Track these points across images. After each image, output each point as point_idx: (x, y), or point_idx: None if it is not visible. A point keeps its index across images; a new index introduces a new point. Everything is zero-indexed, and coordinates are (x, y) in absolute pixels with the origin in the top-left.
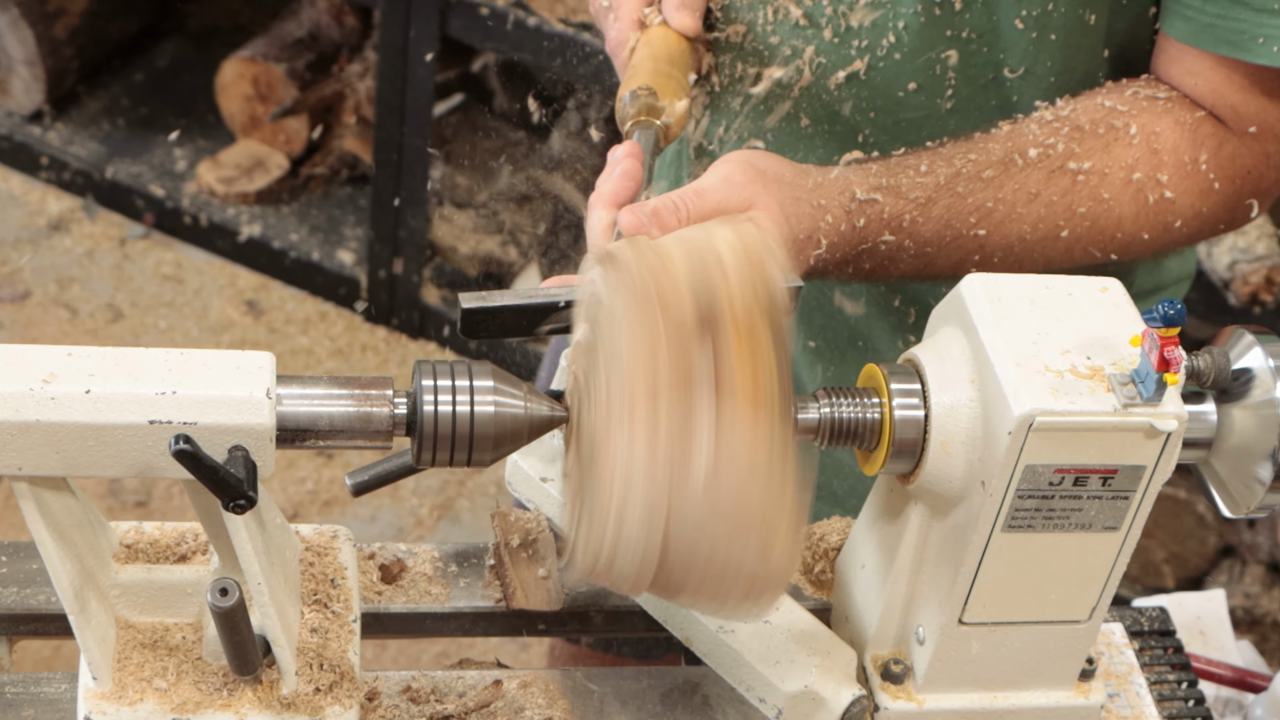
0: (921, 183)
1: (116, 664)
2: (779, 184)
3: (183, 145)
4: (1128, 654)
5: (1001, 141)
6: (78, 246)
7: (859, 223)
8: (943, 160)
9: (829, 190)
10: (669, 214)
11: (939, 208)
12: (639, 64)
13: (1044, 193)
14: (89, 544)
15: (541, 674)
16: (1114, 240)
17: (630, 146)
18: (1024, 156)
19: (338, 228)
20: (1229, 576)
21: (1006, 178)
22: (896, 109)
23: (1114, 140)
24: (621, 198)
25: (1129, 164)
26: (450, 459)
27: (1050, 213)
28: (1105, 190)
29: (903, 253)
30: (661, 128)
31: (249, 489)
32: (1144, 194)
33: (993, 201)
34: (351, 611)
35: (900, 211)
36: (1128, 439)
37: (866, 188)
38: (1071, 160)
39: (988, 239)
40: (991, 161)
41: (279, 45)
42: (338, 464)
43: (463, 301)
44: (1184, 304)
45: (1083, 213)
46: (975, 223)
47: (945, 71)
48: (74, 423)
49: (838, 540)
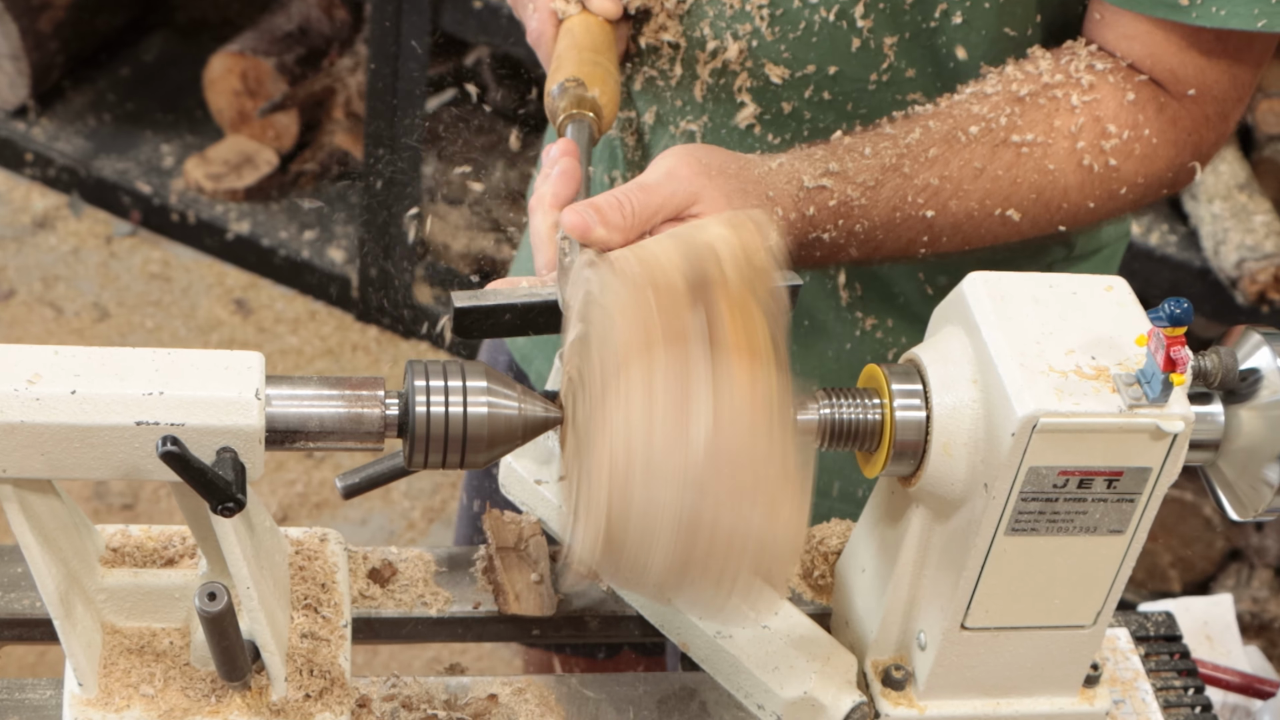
0: (868, 165)
1: (103, 670)
2: (724, 176)
3: (170, 141)
4: (1133, 660)
5: (942, 118)
6: (63, 244)
7: (808, 211)
8: (887, 141)
9: (776, 180)
10: (612, 210)
11: (887, 189)
12: (563, 54)
13: (989, 167)
14: (74, 547)
15: (536, 680)
16: (1060, 211)
17: (565, 144)
18: (966, 132)
19: (328, 225)
20: (1236, 581)
21: (951, 154)
22: (831, 84)
23: (1055, 110)
24: (563, 199)
25: (1072, 133)
26: (443, 461)
27: (996, 187)
28: (1050, 161)
29: (853, 238)
30: (594, 119)
31: (238, 491)
32: (1089, 164)
33: (939, 179)
34: (342, 616)
35: (849, 196)
36: (1133, 440)
37: (814, 175)
38: (1014, 133)
39: (936, 218)
40: (935, 139)
41: (268, 39)
42: (328, 466)
43: (455, 300)
44: (1190, 303)
45: (1029, 185)
46: (923, 203)
47: (880, 42)
48: (59, 424)
49: (838, 544)
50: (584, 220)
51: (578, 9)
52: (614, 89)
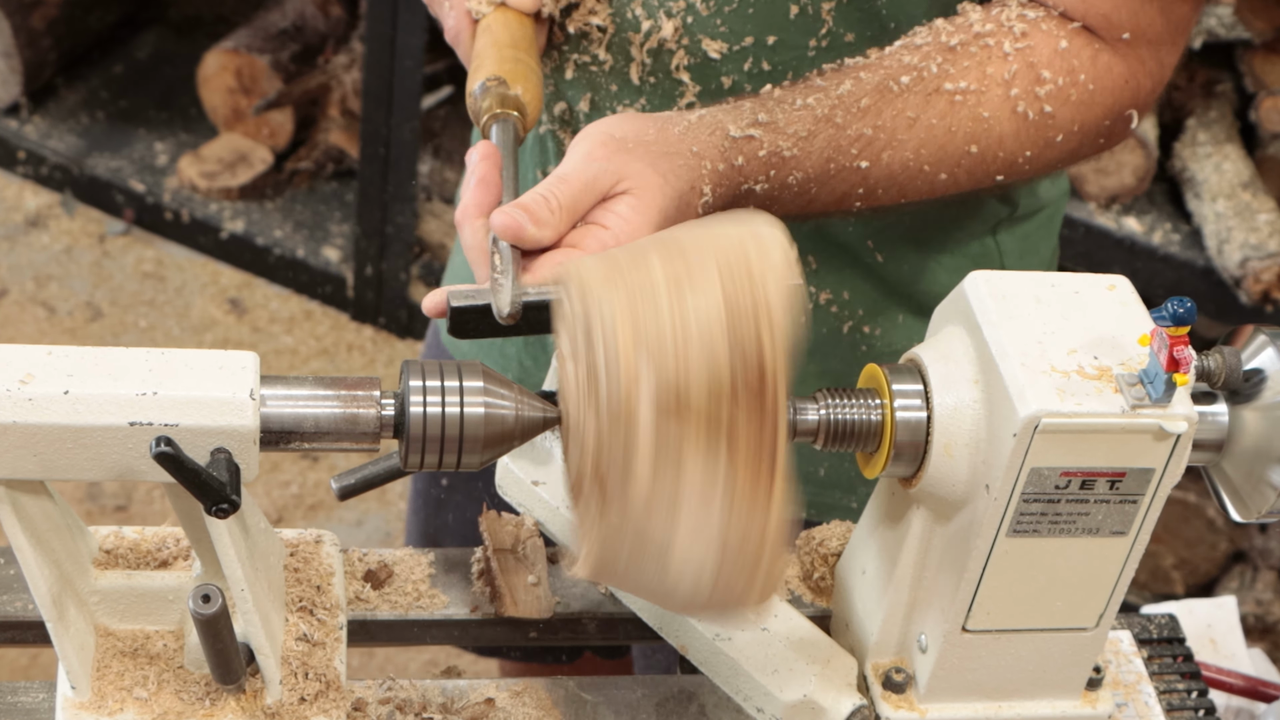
0: (799, 116)
1: (96, 673)
2: (643, 145)
3: (164, 139)
4: (1136, 662)
5: (873, 70)
6: (56, 243)
7: (737, 161)
8: (818, 92)
9: (699, 133)
10: (539, 207)
11: (820, 141)
12: (483, 52)
13: (923, 116)
14: (67, 549)
15: (533, 683)
16: (996, 160)
17: (484, 148)
18: (898, 82)
19: (323, 224)
20: (1240, 583)
21: (884, 104)
22: (771, 54)
23: (988, 58)
24: (486, 206)
25: (1005, 80)
26: (439, 461)
27: (930, 136)
28: (984, 109)
29: (785, 190)
30: (518, 117)
31: (232, 492)
32: (1024, 111)
33: (872, 129)
34: (337, 618)
35: (779, 147)
36: (1136, 441)
37: (740, 125)
38: (947, 81)
39: (870, 169)
40: (867, 90)
41: (263, 36)
42: (323, 467)
43: (451, 300)
44: (1193, 302)
45: (964, 134)
46: (857, 154)
47: (817, 8)
48: (52, 424)
49: (838, 545)
50: (514, 221)
51: (491, 7)
52: (537, 85)
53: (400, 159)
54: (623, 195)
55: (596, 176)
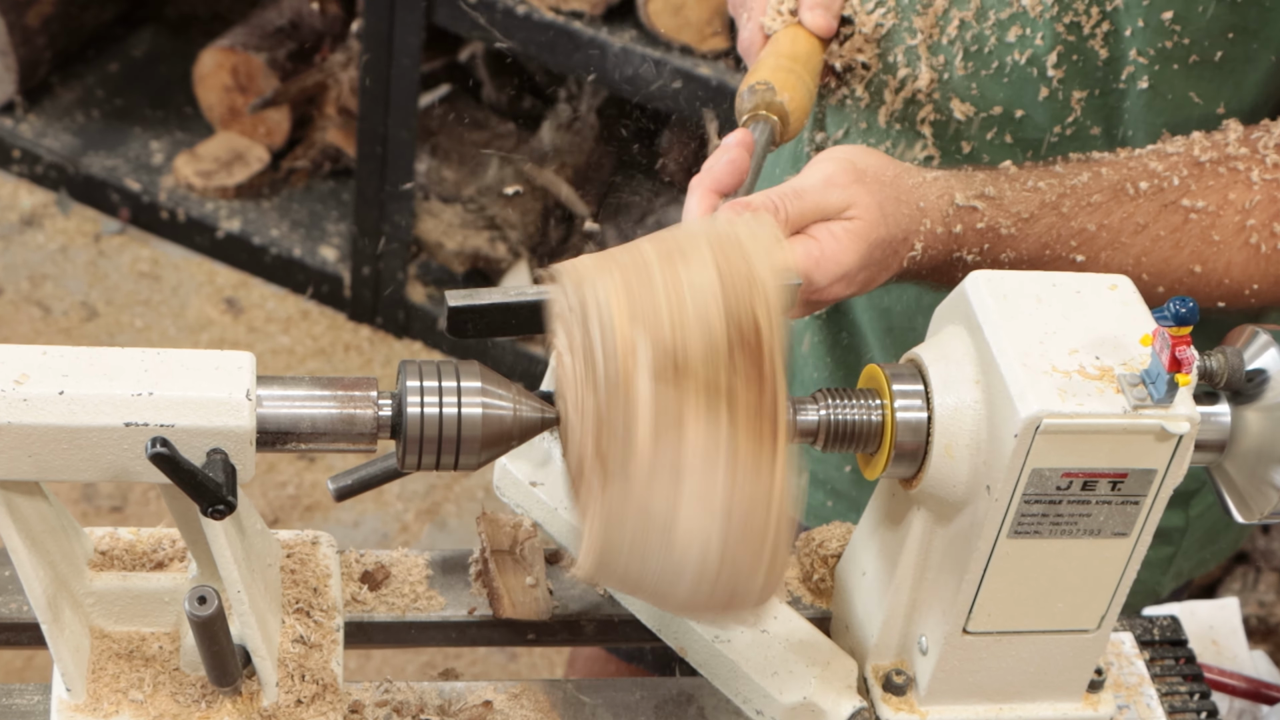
0: (1027, 197)
1: (91, 675)
2: (879, 184)
3: (159, 138)
4: (1138, 664)
5: (1116, 167)
6: (51, 242)
7: (955, 228)
8: (1053, 178)
9: (929, 192)
10: (767, 212)
11: (1040, 225)
12: (763, 60)
13: (1152, 226)
14: (62, 550)
15: (531, 685)
16: (1220, 287)
17: (743, 135)
18: (1136, 186)
19: (320, 223)
20: (1242, 584)
21: (1116, 205)
22: (1015, 128)
23: (1233, 182)
24: (724, 185)
25: (1245, 209)
26: (436, 462)
27: (1156, 248)
28: (1216, 233)
29: (996, 266)
30: (777, 123)
31: (228, 493)
32: (1257, 243)
33: (1096, 226)
34: (334, 620)
35: (999, 224)
36: (1138, 442)
37: (968, 194)
38: (1186, 197)
39: (1087, 265)
40: (1103, 186)
41: (259, 34)
42: (320, 468)
43: (449, 299)
44: (1195, 302)
45: (1190, 252)
46: (1076, 246)
47: (1069, 97)
48: (47, 425)
49: (838, 547)
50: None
51: (783, 25)
52: (804, 98)
53: (397, 158)
54: (844, 220)
55: (828, 199)
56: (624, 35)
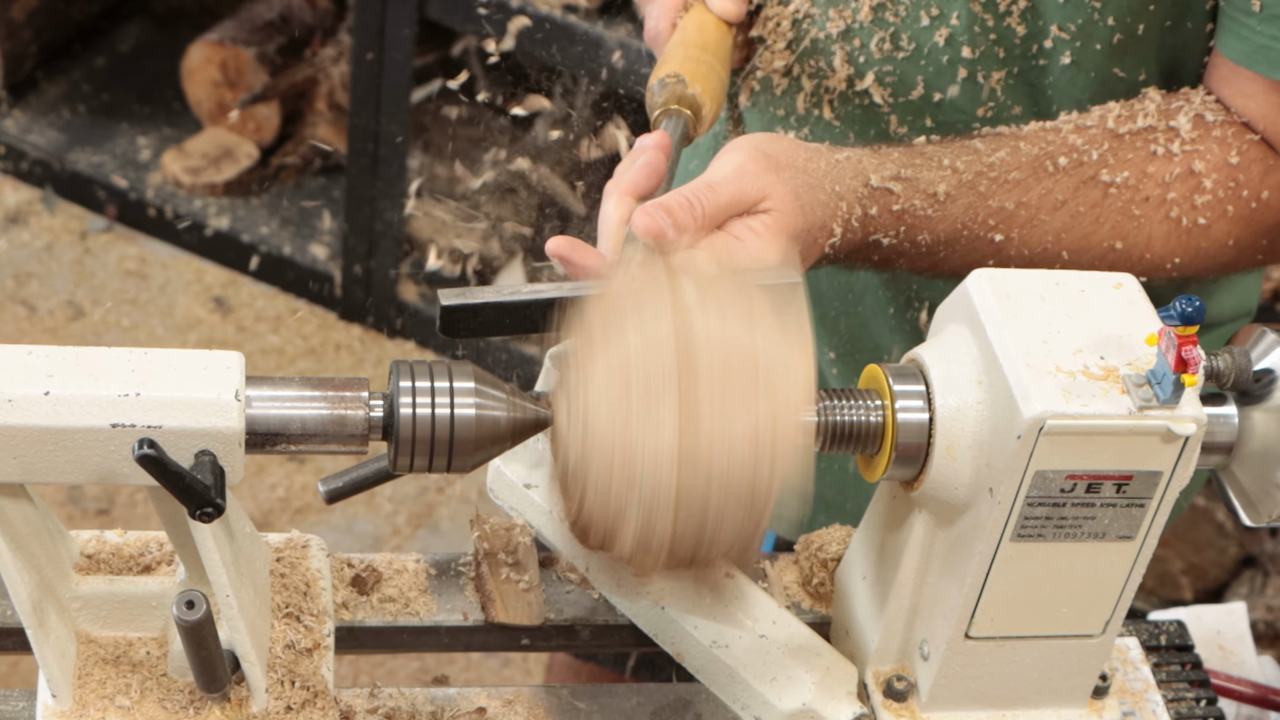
0: (943, 177)
1: (77, 681)
2: (792, 170)
3: (147, 134)
4: (1144, 670)
5: (1033, 141)
6: (36, 240)
7: (871, 210)
8: (970, 155)
9: (842, 174)
10: (683, 212)
11: (957, 206)
12: (671, 51)
13: (1071, 202)
14: (48, 554)
15: (525, 691)
16: (1141, 261)
17: (659, 137)
18: (1055, 161)
19: (310, 220)
20: (1250, 588)
21: (1034, 181)
22: (936, 111)
23: (1153, 155)
24: (641, 189)
25: (1165, 182)
26: (429, 464)
27: (1075, 224)
28: (1136, 207)
29: (914, 248)
30: (690, 116)
31: (216, 496)
32: (1177, 216)
33: (1015, 204)
34: (325, 625)
35: (915, 205)
36: (1143, 443)
37: (883, 175)
38: (1105, 170)
39: (1005, 244)
40: (1021, 163)
41: (248, 28)
42: (310, 470)
43: (442, 299)
44: (1202, 301)
45: (1110, 227)
46: (994, 225)
47: (988, 78)
48: (32, 426)
49: (837, 550)
50: (658, 225)
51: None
52: (717, 88)
53: (389, 154)
54: (761, 214)
55: (743, 190)
56: (620, 29)
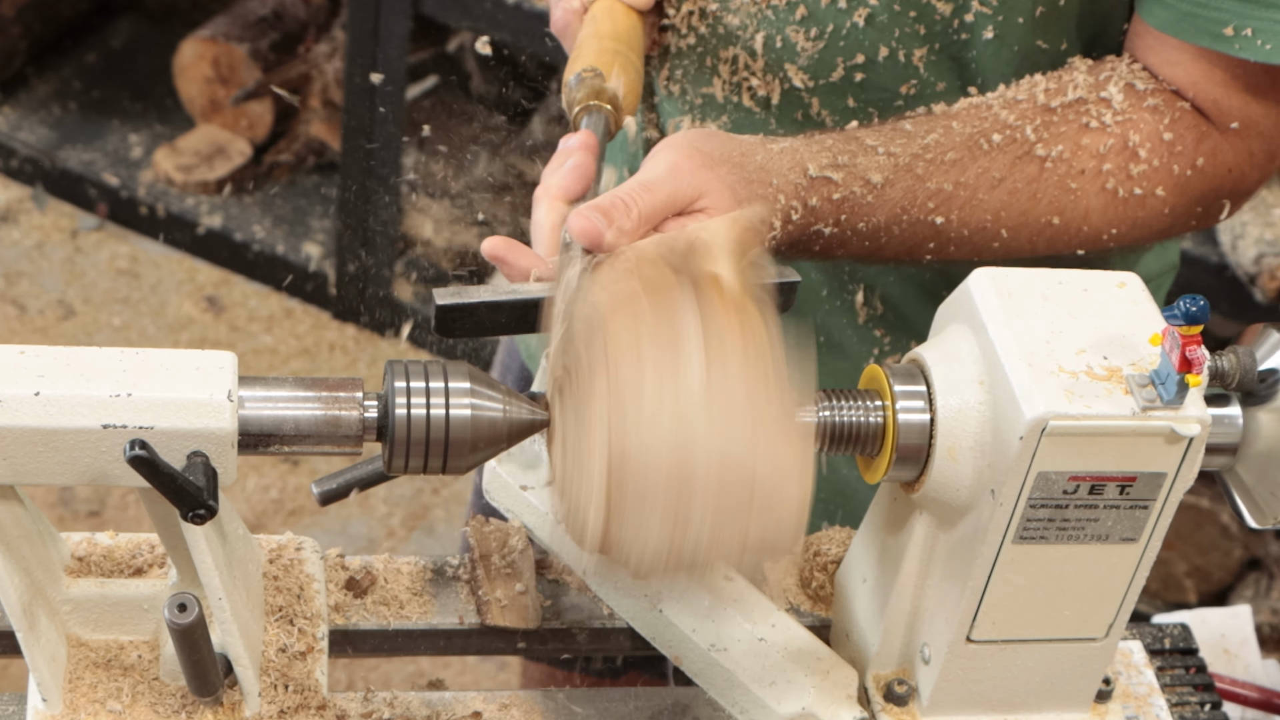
0: (880, 162)
1: (68, 684)
2: (728, 167)
3: (139, 131)
4: (1147, 674)
5: (966, 120)
6: (26, 239)
7: (811, 201)
8: (903, 138)
9: (779, 166)
10: (619, 212)
11: (896, 190)
12: (584, 43)
13: (1008, 179)
14: (38, 556)
15: (521, 695)
16: (1079, 234)
17: (585, 137)
18: (989, 139)
19: (304, 219)
20: (1255, 591)
21: (970, 161)
22: (858, 91)
23: (1085, 128)
24: (572, 193)
25: (1100, 154)
26: (424, 465)
27: (1013, 200)
28: (1073, 180)
29: (855, 235)
30: (611, 111)
31: (209, 497)
32: (1114, 188)
33: (953, 185)
34: (318, 628)
35: (854, 193)
36: (1147, 444)
37: (820, 165)
38: (1040, 145)
39: (945, 226)
40: (955, 143)
41: (241, 24)
42: (304, 471)
43: (437, 298)
44: (1206, 300)
45: (1048, 202)
46: (934, 208)
47: (910, 56)
48: (22, 427)
49: (837, 553)
50: (594, 227)
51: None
52: (634, 79)
53: (384, 152)
54: (698, 213)
55: (678, 189)
56: None
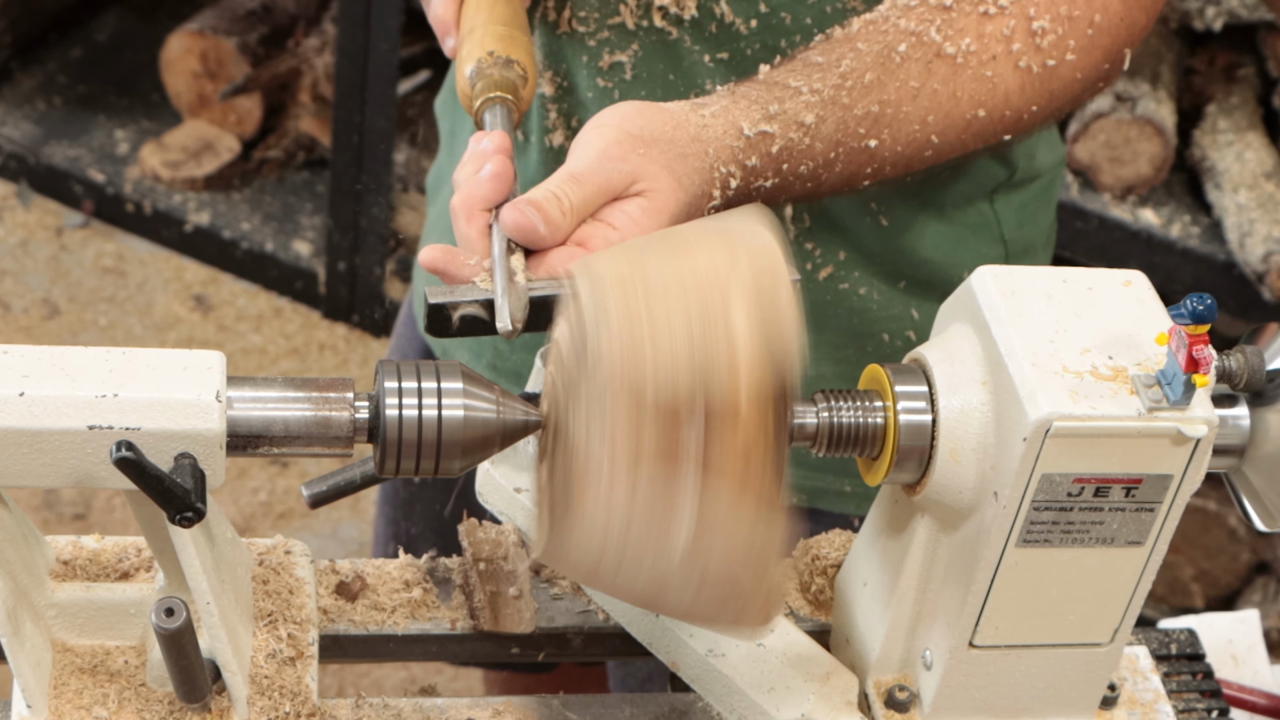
0: (808, 101)
1: (53, 690)
2: (661, 144)
3: (125, 126)
4: (1153, 680)
5: (870, 39)
6: (10, 237)
7: (750, 161)
8: (819, 72)
9: (713, 133)
10: (552, 207)
11: (829, 125)
12: (478, 30)
13: (926, 85)
14: (23, 560)
15: (515, 702)
16: (1004, 119)
17: (498, 140)
18: (898, 51)
19: (293, 216)
20: (1263, 595)
21: (889, 78)
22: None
23: (985, 15)
24: (492, 202)
25: (1005, 36)
26: (416, 467)
27: (936, 104)
28: (987, 69)
29: (796, 179)
30: (512, 100)
31: (197, 500)
32: (1027, 65)
33: (879, 105)
34: (308, 633)
35: (791, 140)
36: (1153, 446)
37: (753, 120)
38: (948, 44)
39: (880, 148)
40: (869, 64)
41: (229, 17)
42: (293, 473)
43: (429, 296)
44: (1213, 299)
45: (969, 98)
46: (865, 133)
47: None
48: (6, 428)
49: (837, 556)
50: (528, 221)
51: None
52: (528, 61)
53: (375, 147)
54: (635, 197)
55: (610, 177)
56: None
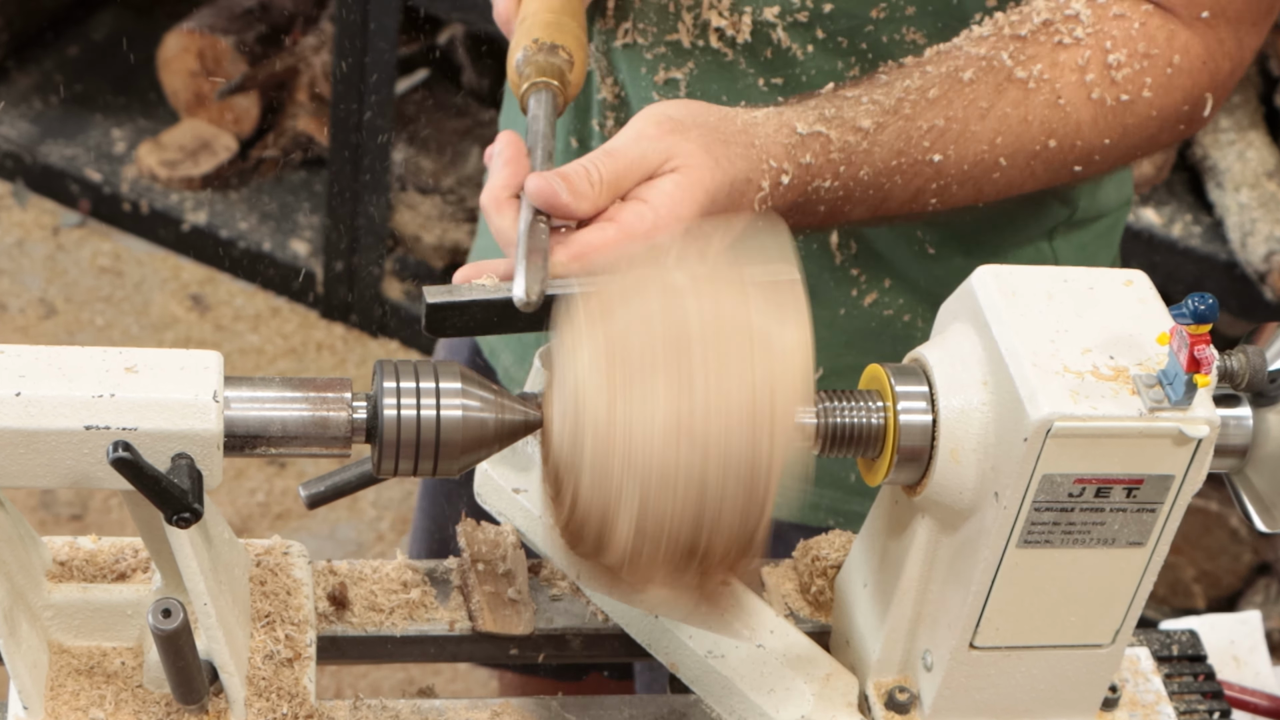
0: (867, 109)
1: (49, 692)
2: (701, 129)
3: (122, 125)
4: (1155, 681)
5: (939, 63)
6: (7, 236)
7: (804, 159)
8: (882, 87)
9: (762, 129)
10: (579, 178)
11: (889, 133)
12: (528, 19)
13: (996, 106)
14: (19, 561)
15: (514, 703)
16: (1074, 150)
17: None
18: (967, 73)
19: (291, 215)
20: (1265, 597)
21: (955, 94)
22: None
23: (1060, 45)
24: (514, 188)
25: (1079, 66)
26: (414, 468)
27: (1005, 127)
28: (1059, 96)
29: (857, 186)
30: (559, 87)
31: (194, 500)
32: (1100, 97)
33: (944, 120)
34: (306, 635)
35: (848, 143)
36: (1154, 446)
37: (808, 121)
38: (1019, 69)
39: (944, 163)
40: (935, 81)
41: (227, 16)
42: (291, 473)
43: (428, 296)
44: (1215, 298)
45: (1040, 123)
46: (929, 146)
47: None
48: (3, 428)
49: (837, 557)
50: (550, 187)
51: None
52: (580, 52)
53: (373, 146)
54: (670, 173)
55: (645, 154)
56: None
